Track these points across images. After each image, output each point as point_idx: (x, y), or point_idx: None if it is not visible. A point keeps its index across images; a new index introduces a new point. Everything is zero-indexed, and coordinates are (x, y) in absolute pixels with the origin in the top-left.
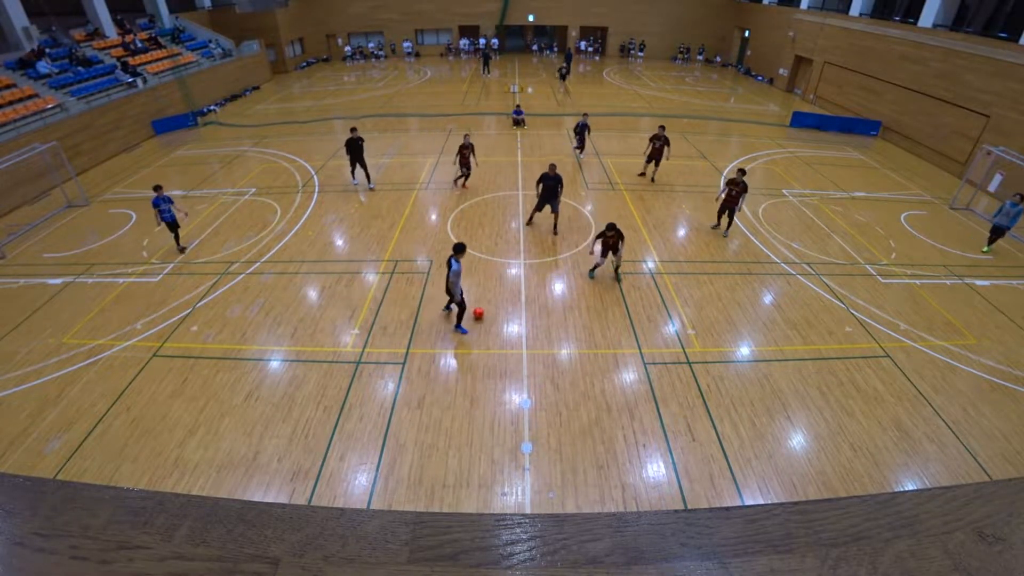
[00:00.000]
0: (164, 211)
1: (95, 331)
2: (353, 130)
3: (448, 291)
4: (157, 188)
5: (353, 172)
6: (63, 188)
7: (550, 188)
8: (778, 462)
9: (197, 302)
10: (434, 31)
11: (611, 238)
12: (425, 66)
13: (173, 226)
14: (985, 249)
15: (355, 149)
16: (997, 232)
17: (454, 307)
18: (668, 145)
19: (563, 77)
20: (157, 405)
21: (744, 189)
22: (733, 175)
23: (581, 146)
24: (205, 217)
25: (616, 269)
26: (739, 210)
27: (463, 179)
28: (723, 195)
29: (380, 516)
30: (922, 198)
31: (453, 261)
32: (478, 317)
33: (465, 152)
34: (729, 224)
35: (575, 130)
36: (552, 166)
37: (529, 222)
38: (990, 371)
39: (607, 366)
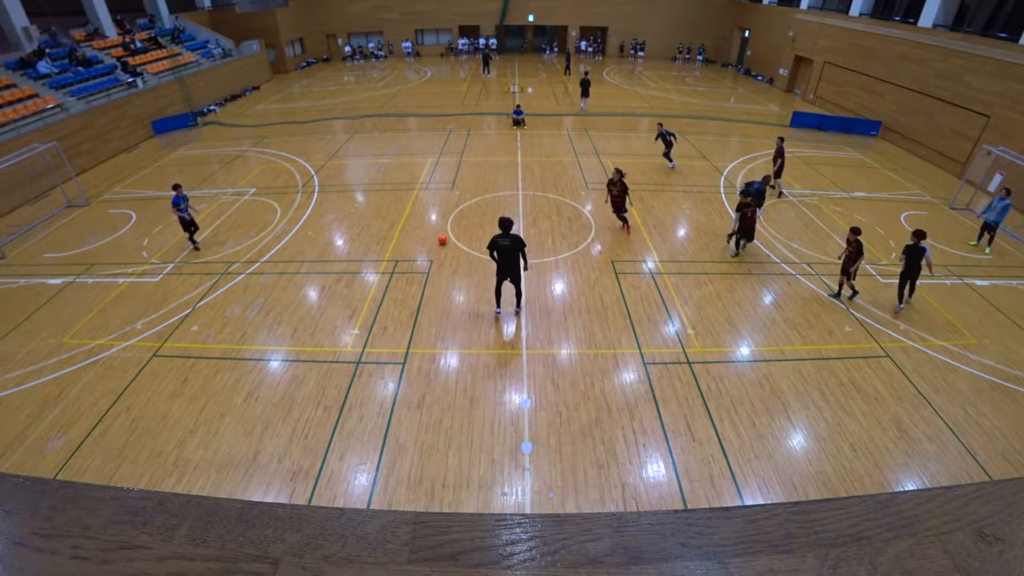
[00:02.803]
0: (183, 210)
1: (95, 331)
2: (505, 224)
3: None
4: (176, 187)
5: (499, 291)
6: (63, 188)
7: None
8: (778, 462)
9: (197, 302)
10: (434, 31)
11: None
12: (425, 66)
13: (189, 225)
14: (974, 243)
15: (507, 255)
16: (988, 228)
17: None
18: (782, 156)
19: (586, 93)
20: (157, 405)
21: (860, 249)
22: (740, 197)
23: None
24: (205, 217)
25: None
26: (855, 268)
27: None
28: (737, 220)
29: (380, 516)
30: (922, 198)
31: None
32: (442, 243)
33: (612, 188)
34: (740, 244)
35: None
36: (765, 177)
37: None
38: (990, 371)
39: (607, 366)
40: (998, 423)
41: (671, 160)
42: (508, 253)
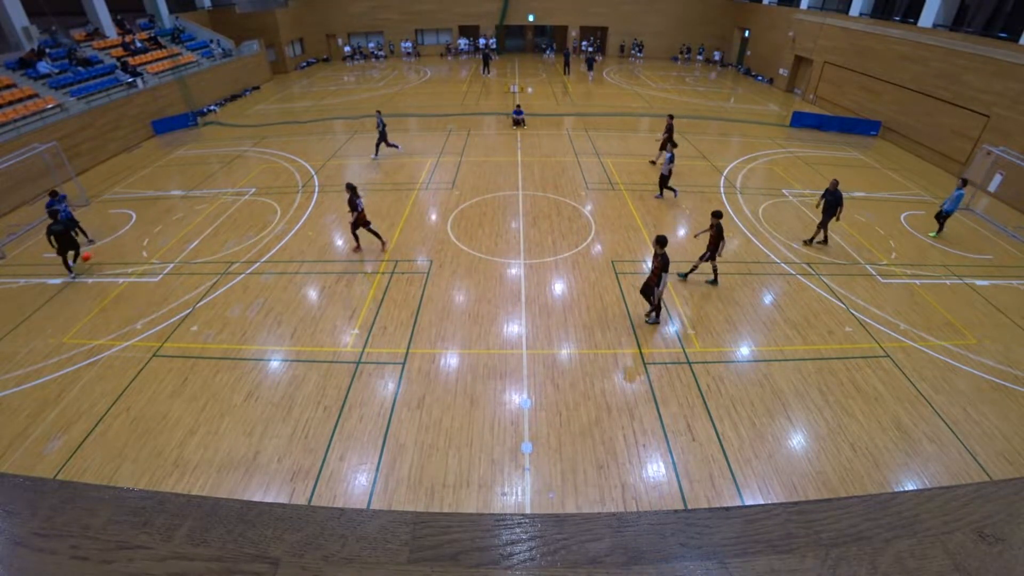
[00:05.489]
0: (62, 211)
1: (95, 331)
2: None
3: None
4: (52, 193)
5: None
6: (63, 188)
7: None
8: (778, 462)
9: (197, 302)
10: (434, 31)
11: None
12: (425, 66)
13: (72, 223)
14: (932, 234)
15: None
16: (941, 216)
17: None
18: (670, 132)
19: (590, 67)
20: (157, 405)
21: (664, 265)
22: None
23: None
24: (205, 217)
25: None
26: (661, 290)
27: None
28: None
29: (380, 516)
30: (922, 198)
31: None
32: (86, 259)
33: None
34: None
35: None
36: (834, 182)
37: (819, 240)
38: (990, 371)
39: (607, 366)
40: (998, 423)
41: (376, 151)
42: None
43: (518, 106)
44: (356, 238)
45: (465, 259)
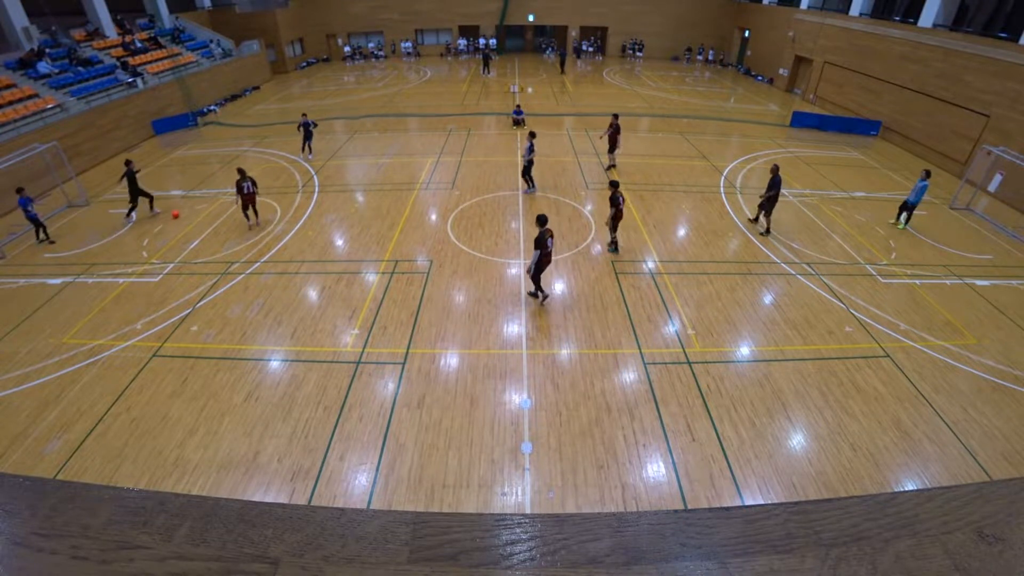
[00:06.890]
0: (30, 210)
1: (95, 331)
2: None
3: None
4: (20, 190)
5: None
6: (63, 188)
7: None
8: (778, 462)
9: (197, 302)
10: (434, 31)
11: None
12: (425, 66)
13: (37, 222)
14: (892, 221)
15: None
16: (906, 208)
17: None
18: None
19: (578, 56)
20: (157, 405)
21: (536, 243)
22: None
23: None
24: (205, 217)
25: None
26: (530, 267)
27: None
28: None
29: (380, 516)
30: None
31: None
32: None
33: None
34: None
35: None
36: (775, 167)
37: (761, 229)
38: (990, 371)
39: (607, 366)
40: (998, 423)
41: (311, 151)
42: None
43: (518, 106)
44: (248, 217)
45: (465, 259)
